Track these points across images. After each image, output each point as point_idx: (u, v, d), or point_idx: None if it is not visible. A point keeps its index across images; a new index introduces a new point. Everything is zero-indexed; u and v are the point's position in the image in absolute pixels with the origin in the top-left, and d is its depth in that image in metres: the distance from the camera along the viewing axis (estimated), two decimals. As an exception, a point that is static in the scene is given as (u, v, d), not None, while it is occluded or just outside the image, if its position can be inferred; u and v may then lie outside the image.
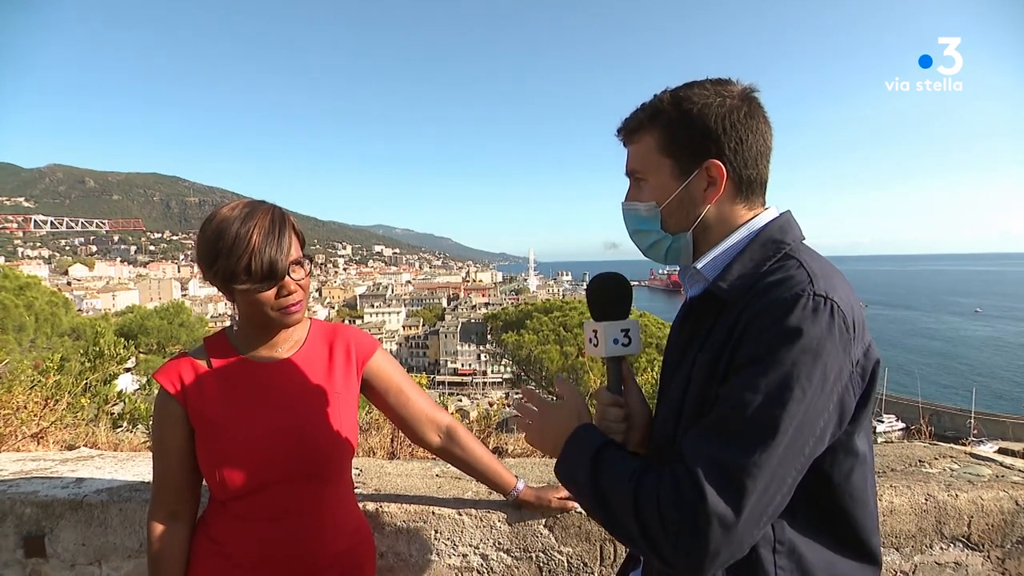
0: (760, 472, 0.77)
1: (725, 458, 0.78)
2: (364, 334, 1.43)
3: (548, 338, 23.49)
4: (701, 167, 0.96)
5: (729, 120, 0.94)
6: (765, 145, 0.98)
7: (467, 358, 71.04)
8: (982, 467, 1.82)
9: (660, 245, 1.05)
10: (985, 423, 29.01)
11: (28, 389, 2.83)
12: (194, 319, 19.94)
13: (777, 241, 0.94)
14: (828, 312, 0.82)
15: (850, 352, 0.83)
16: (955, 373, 61.85)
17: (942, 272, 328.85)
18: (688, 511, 0.77)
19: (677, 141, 0.97)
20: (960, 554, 1.62)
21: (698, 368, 0.93)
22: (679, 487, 0.79)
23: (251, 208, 1.18)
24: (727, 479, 0.77)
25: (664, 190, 1.00)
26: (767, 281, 0.88)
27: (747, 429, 0.79)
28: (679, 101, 0.96)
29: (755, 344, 0.83)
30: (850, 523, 0.91)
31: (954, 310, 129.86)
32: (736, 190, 0.98)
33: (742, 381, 0.81)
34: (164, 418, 1.24)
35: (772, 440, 0.77)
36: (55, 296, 15.72)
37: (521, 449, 2.48)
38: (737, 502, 0.76)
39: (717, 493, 0.76)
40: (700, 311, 1.00)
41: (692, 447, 0.82)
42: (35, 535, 1.74)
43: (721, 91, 0.96)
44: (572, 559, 1.63)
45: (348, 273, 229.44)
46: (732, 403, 0.81)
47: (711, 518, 0.75)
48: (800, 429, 0.79)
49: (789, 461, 0.79)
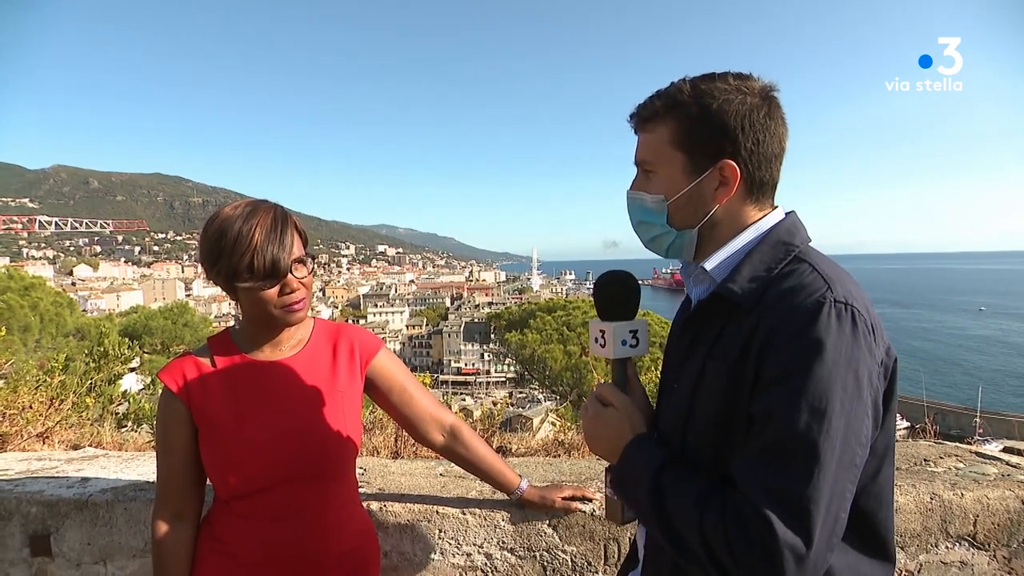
0: (821, 495, 0.76)
1: (784, 486, 0.77)
2: (368, 333, 1.43)
3: (551, 337, 23.46)
4: (715, 166, 0.93)
5: (748, 120, 0.91)
6: (780, 147, 0.95)
7: (470, 357, 71.08)
8: (988, 466, 1.81)
9: (663, 239, 1.02)
10: (990, 422, 28.86)
11: (33, 389, 2.83)
12: (198, 319, 19.98)
13: (786, 243, 0.93)
14: (851, 318, 0.81)
15: (875, 354, 0.83)
16: (960, 372, 61.61)
17: (946, 271, 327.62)
18: (758, 547, 0.75)
19: (693, 137, 0.94)
20: (966, 553, 1.62)
21: (710, 377, 0.91)
22: (746, 523, 0.77)
23: (253, 207, 1.18)
24: (791, 509, 0.75)
25: (674, 185, 0.97)
26: (783, 287, 0.87)
27: (798, 452, 0.77)
28: (700, 94, 0.93)
29: (784, 358, 0.81)
30: (874, 523, 0.91)
31: (959, 309, 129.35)
32: (748, 191, 0.96)
33: (779, 399, 0.80)
34: (168, 417, 1.24)
35: (825, 459, 0.76)
36: (60, 296, 15.79)
37: (525, 448, 2.48)
38: (806, 531, 0.75)
39: (785, 525, 0.75)
40: (707, 312, 0.97)
41: (748, 477, 0.80)
42: (41, 534, 1.74)
43: (742, 87, 0.92)
44: (576, 558, 1.63)
45: (352, 273, 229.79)
46: (776, 425, 0.80)
47: (783, 551, 0.74)
48: (847, 441, 0.78)
49: (844, 475, 0.79)
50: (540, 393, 28.92)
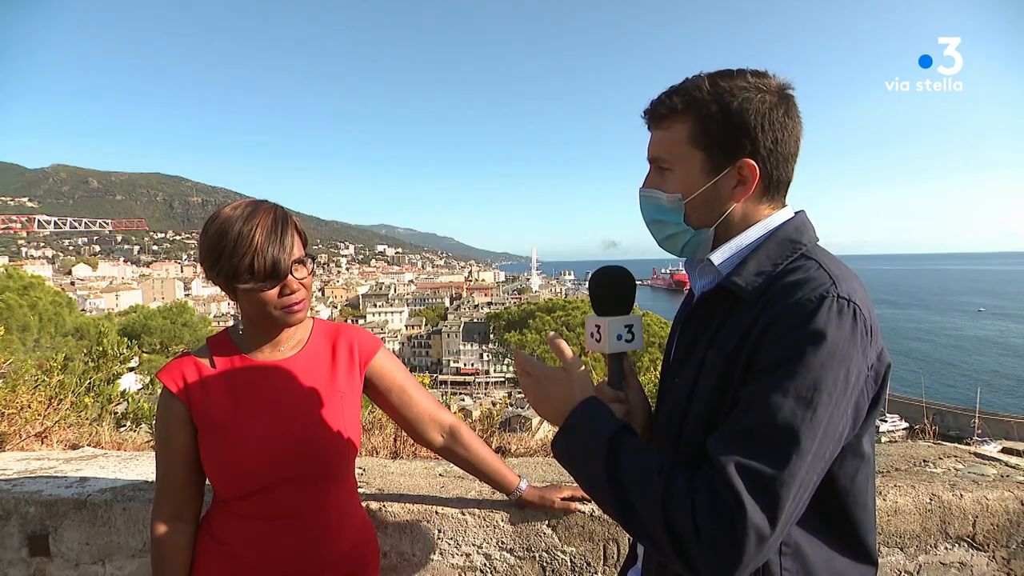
0: (793, 481, 0.76)
1: (761, 467, 0.76)
2: (367, 333, 1.43)
3: (551, 337, 23.43)
4: (734, 165, 0.92)
5: (768, 119, 0.91)
6: (796, 146, 0.95)
7: (470, 357, 71.05)
8: (987, 467, 1.81)
9: (679, 238, 1.01)
10: (989, 422, 28.90)
11: (32, 389, 2.83)
12: (197, 319, 19.99)
13: (794, 241, 0.93)
14: (851, 315, 0.81)
15: (867, 355, 0.83)
16: (959, 372, 61.66)
17: (946, 271, 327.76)
18: (726, 521, 0.75)
19: (712, 135, 0.92)
20: (965, 554, 1.62)
21: (708, 368, 0.91)
22: (717, 496, 0.77)
23: (253, 207, 1.18)
24: (763, 490, 0.75)
25: (691, 184, 0.95)
26: (787, 281, 0.87)
27: (779, 436, 0.77)
28: (719, 92, 0.91)
29: (781, 346, 0.81)
30: (850, 523, 0.91)
31: (958, 309, 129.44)
32: (764, 190, 0.95)
33: (770, 384, 0.80)
34: (167, 418, 1.24)
35: (804, 447, 0.77)
36: (59, 296, 15.78)
37: (524, 449, 2.48)
38: (773, 513, 0.75)
39: (756, 504, 0.75)
40: (710, 306, 0.97)
41: (723, 452, 0.79)
42: (39, 534, 1.74)
43: (760, 85, 0.92)
44: (575, 559, 1.63)
45: (351, 273, 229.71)
46: (761, 407, 0.79)
47: (749, 529, 0.74)
48: (827, 434, 0.79)
49: (815, 467, 0.79)
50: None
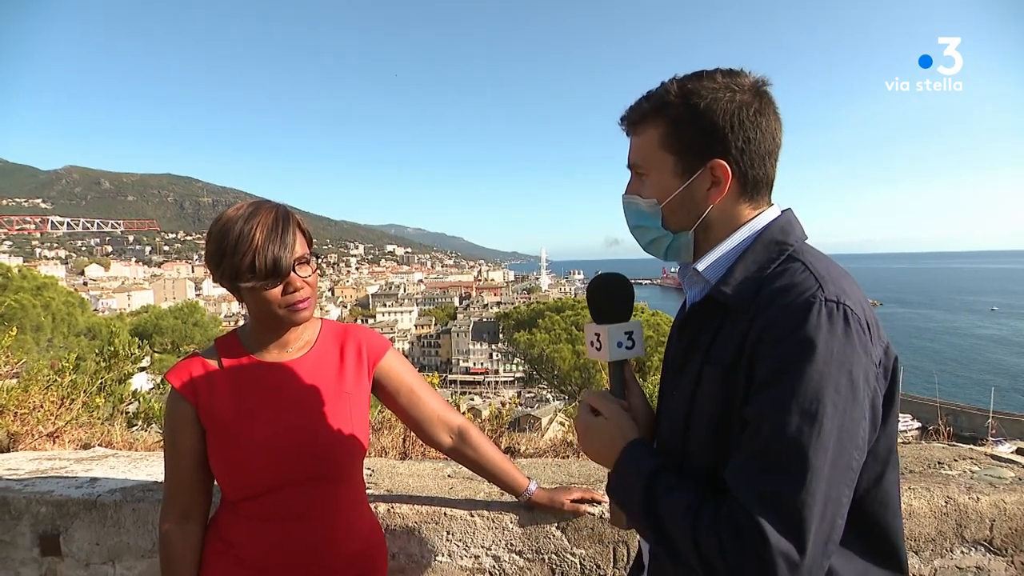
0: (814, 500, 0.74)
1: (777, 492, 0.75)
2: (375, 334, 1.42)
3: (560, 337, 23.46)
4: (705, 166, 0.92)
5: (738, 117, 0.89)
6: (774, 143, 0.93)
7: (479, 357, 71.17)
8: (1004, 469, 1.78)
9: (660, 242, 1.01)
10: (1004, 423, 28.60)
11: (44, 388, 2.85)
12: (208, 318, 20.14)
13: (780, 242, 0.91)
14: (843, 317, 0.79)
15: (871, 354, 0.81)
16: (973, 372, 61.03)
17: (957, 270, 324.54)
18: (752, 555, 0.74)
19: (681, 138, 0.92)
20: (982, 559, 1.59)
21: (706, 382, 0.90)
22: (739, 530, 0.75)
23: (255, 208, 1.18)
24: (784, 515, 0.74)
25: (665, 188, 0.95)
26: (774, 287, 0.85)
27: (790, 456, 0.75)
28: (687, 94, 0.91)
29: (773, 359, 0.79)
30: (881, 529, 0.89)
31: (970, 308, 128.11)
32: (741, 190, 0.94)
33: (770, 402, 0.78)
34: (175, 418, 1.24)
35: (817, 463, 0.74)
36: (71, 296, 15.94)
37: (534, 450, 2.47)
38: (799, 538, 0.73)
39: (778, 532, 0.73)
40: (701, 316, 0.96)
41: (740, 482, 0.78)
42: (51, 534, 1.75)
43: (731, 84, 0.91)
44: (585, 561, 1.61)
45: (360, 272, 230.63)
46: (766, 429, 0.78)
47: (776, 559, 0.73)
48: (841, 443, 0.76)
49: (839, 479, 0.77)
50: (549, 393, 28.93)
